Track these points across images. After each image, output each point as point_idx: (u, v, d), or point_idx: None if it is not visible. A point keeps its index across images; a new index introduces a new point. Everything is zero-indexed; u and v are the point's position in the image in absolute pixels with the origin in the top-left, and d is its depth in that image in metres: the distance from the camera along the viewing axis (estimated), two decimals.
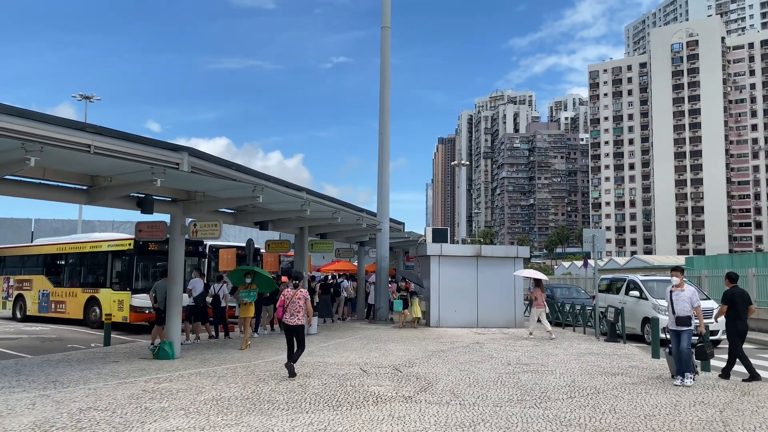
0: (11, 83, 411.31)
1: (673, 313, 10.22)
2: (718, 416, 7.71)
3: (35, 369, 10.97)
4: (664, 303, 16.39)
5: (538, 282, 18.57)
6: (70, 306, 20.60)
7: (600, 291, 20.48)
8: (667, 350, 10.59)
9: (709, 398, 8.88)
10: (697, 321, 10.35)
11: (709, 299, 18.09)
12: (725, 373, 10.74)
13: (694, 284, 18.87)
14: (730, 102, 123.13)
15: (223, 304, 16.79)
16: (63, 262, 21.80)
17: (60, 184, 10.93)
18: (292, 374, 10.06)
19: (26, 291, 22.65)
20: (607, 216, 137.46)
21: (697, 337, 10.60)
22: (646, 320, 16.99)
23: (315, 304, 19.91)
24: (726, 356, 10.93)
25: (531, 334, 17.73)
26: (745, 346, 17.28)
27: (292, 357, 10.33)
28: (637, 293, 18.15)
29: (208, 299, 16.43)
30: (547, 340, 16.87)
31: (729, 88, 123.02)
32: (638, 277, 19.23)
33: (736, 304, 10.58)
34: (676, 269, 10.74)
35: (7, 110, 9.86)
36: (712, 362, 11.49)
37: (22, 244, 26.92)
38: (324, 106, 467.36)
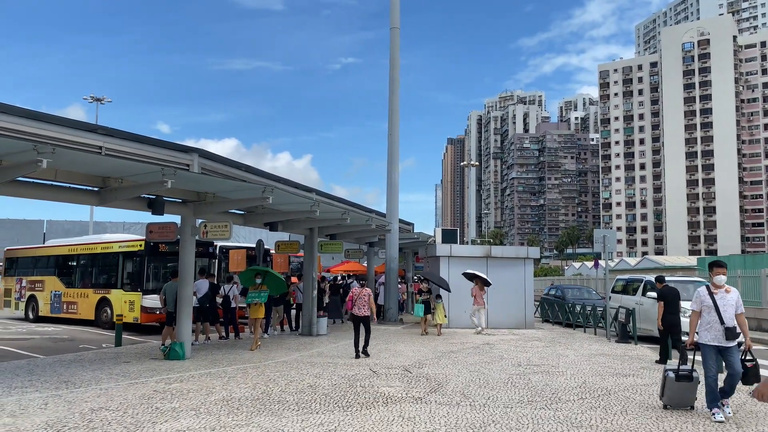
0: (21, 85, 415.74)
1: (721, 322, 7.46)
2: (731, 418, 7.63)
3: (47, 369, 11.05)
4: (683, 304, 16.19)
5: (481, 283, 19.23)
6: (82, 307, 20.73)
7: (616, 292, 20.32)
8: (671, 372, 7.91)
9: None
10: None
11: None
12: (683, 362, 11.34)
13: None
14: (742, 101, 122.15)
15: (233, 305, 16.85)
16: (74, 263, 21.94)
17: (71, 185, 10.99)
18: (358, 356, 12.73)
19: (38, 292, 22.82)
20: (618, 216, 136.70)
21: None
22: None
23: (325, 304, 19.95)
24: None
25: (482, 330, 18.56)
26: (756, 347, 17.16)
27: (358, 342, 12.96)
28: (654, 294, 17.75)
29: (219, 300, 16.50)
30: (556, 341, 16.82)
31: (741, 87, 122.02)
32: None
33: (669, 302, 12.52)
34: (719, 265, 7.91)
35: (20, 112, 9.95)
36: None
37: (34, 245, 27.13)
38: (332, 107, 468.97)
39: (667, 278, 19.66)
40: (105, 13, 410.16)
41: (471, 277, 19.33)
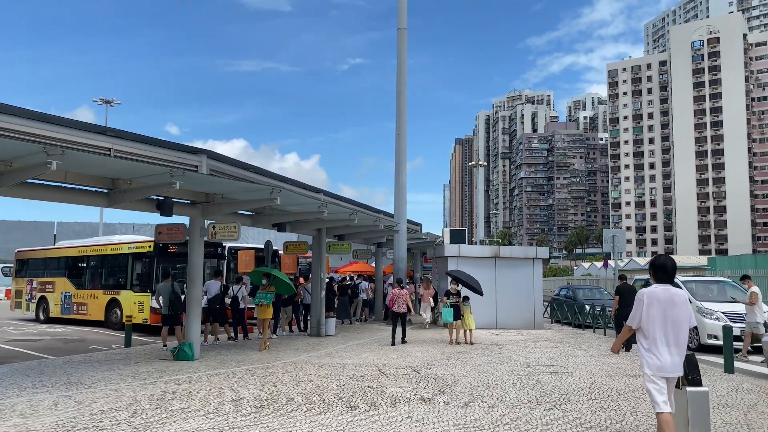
0: (31, 88, 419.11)
1: None
2: (742, 419, 7.56)
3: (57, 370, 11.11)
4: (708, 306, 15.91)
5: (428, 282, 21.23)
6: (92, 308, 20.84)
7: None
8: None
9: (733, 401, 8.73)
10: None
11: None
12: (627, 347, 14.09)
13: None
14: (753, 100, 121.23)
15: (242, 306, 16.89)
16: (84, 265, 22.07)
17: (81, 187, 11.05)
18: (393, 344, 14.96)
19: (49, 293, 22.97)
20: (627, 216, 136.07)
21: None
22: None
23: (334, 305, 19.94)
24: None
25: (427, 325, 20.07)
26: None
27: (395, 333, 15.21)
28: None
29: (227, 300, 16.53)
30: (566, 342, 16.77)
31: (751, 86, 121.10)
32: (679, 278, 18.30)
33: (624, 297, 14.43)
34: None
35: (29, 114, 9.99)
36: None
37: (44, 246, 27.30)
38: (341, 108, 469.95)
39: (690, 279, 19.55)
40: (114, 16, 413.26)
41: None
